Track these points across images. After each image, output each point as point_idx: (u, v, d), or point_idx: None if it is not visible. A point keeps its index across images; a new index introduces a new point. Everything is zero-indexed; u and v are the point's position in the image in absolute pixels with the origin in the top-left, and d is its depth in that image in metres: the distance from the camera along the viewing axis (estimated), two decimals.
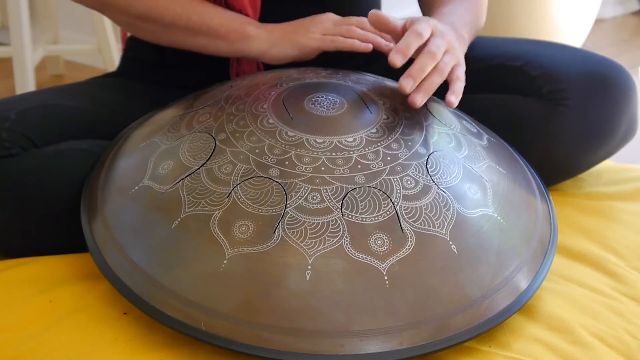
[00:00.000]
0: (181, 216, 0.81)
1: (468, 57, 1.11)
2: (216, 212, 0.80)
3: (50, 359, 0.78)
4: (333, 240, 0.78)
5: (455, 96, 0.95)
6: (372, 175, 0.83)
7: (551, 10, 2.47)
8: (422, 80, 0.92)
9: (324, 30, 1.05)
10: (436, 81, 0.93)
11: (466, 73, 1.11)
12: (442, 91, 1.07)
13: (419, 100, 0.91)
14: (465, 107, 1.04)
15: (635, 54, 2.92)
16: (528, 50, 1.09)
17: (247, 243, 0.78)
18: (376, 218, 0.80)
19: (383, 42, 1.05)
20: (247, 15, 1.07)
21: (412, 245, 0.79)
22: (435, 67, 0.93)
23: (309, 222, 0.79)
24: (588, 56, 1.08)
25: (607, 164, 1.17)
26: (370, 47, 1.04)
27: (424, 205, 0.82)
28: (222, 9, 1.07)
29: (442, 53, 0.94)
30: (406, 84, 0.91)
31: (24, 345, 0.80)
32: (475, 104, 1.07)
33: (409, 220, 0.80)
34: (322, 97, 0.91)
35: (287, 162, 0.83)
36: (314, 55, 1.05)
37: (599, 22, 3.12)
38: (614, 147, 1.09)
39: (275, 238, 0.78)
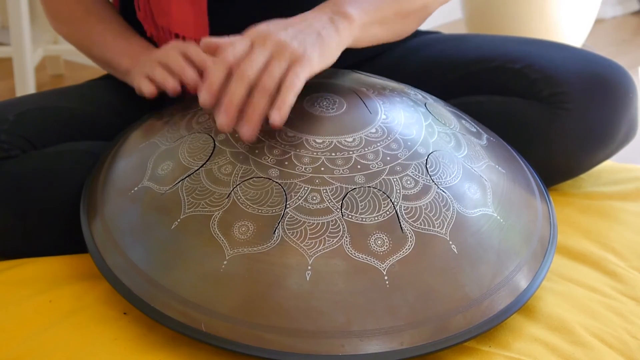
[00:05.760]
0: (181, 217, 0.81)
1: (468, 58, 1.11)
2: (216, 213, 0.80)
3: (50, 359, 0.78)
4: (333, 241, 0.78)
5: (277, 111, 0.80)
6: (371, 175, 0.83)
7: (551, 10, 2.48)
8: (246, 107, 0.81)
9: (158, 60, 0.98)
10: (260, 103, 0.80)
11: (466, 75, 1.11)
12: (442, 91, 1.07)
13: (248, 133, 0.81)
14: (465, 109, 1.04)
15: (635, 54, 2.92)
16: (528, 51, 1.09)
17: (247, 244, 0.78)
18: (376, 218, 0.80)
19: (192, 76, 0.94)
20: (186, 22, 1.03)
21: (412, 245, 0.79)
22: (255, 88, 0.81)
23: (308, 223, 0.79)
24: (588, 57, 1.07)
25: (607, 164, 1.17)
26: (178, 89, 0.95)
27: (423, 205, 0.82)
28: (122, 38, 1.08)
29: (259, 67, 0.81)
30: (221, 122, 0.80)
31: (24, 345, 0.80)
32: (475, 106, 1.06)
33: (409, 220, 0.80)
34: (322, 97, 0.91)
35: (286, 163, 0.83)
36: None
37: (599, 22, 3.12)
38: (615, 148, 1.09)
39: (275, 238, 0.78)
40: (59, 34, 1.17)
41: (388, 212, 0.80)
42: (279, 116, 0.80)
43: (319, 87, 0.93)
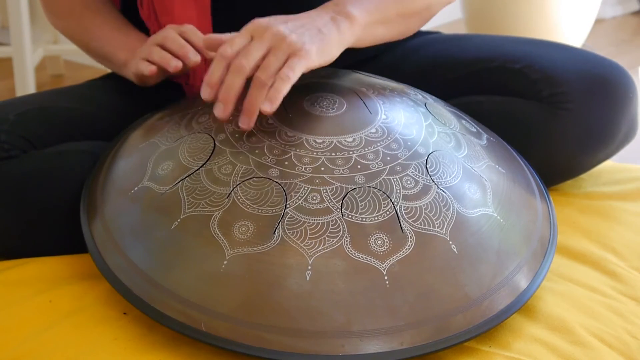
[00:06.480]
0: (181, 217, 0.81)
1: (468, 58, 1.11)
2: (216, 213, 0.80)
3: (50, 359, 0.78)
4: (333, 241, 0.78)
5: (268, 103, 0.82)
6: (371, 175, 0.83)
7: (551, 10, 2.48)
8: (244, 100, 0.83)
9: (151, 45, 0.98)
10: (257, 97, 0.83)
11: (466, 75, 1.10)
12: (442, 91, 1.07)
13: (245, 124, 0.83)
14: (465, 109, 1.04)
15: (635, 54, 2.92)
16: (528, 51, 1.09)
17: (247, 243, 0.78)
18: (376, 218, 0.80)
19: (191, 55, 0.96)
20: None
21: (412, 245, 0.79)
22: (252, 82, 0.83)
23: (308, 223, 0.79)
24: (588, 57, 1.07)
25: (607, 164, 1.17)
26: (179, 65, 0.96)
27: (423, 205, 0.82)
28: (120, 32, 1.08)
29: (256, 60, 0.83)
30: (218, 112, 0.84)
31: (24, 345, 0.80)
32: (475, 106, 1.06)
33: (409, 220, 0.80)
34: (322, 97, 0.91)
35: (286, 163, 0.83)
36: (147, 76, 0.99)
37: (599, 22, 3.11)
38: (615, 148, 1.09)
39: (275, 238, 0.78)
40: (57, 28, 1.17)
41: (388, 212, 0.80)
42: (270, 107, 0.83)
43: (319, 87, 0.93)
